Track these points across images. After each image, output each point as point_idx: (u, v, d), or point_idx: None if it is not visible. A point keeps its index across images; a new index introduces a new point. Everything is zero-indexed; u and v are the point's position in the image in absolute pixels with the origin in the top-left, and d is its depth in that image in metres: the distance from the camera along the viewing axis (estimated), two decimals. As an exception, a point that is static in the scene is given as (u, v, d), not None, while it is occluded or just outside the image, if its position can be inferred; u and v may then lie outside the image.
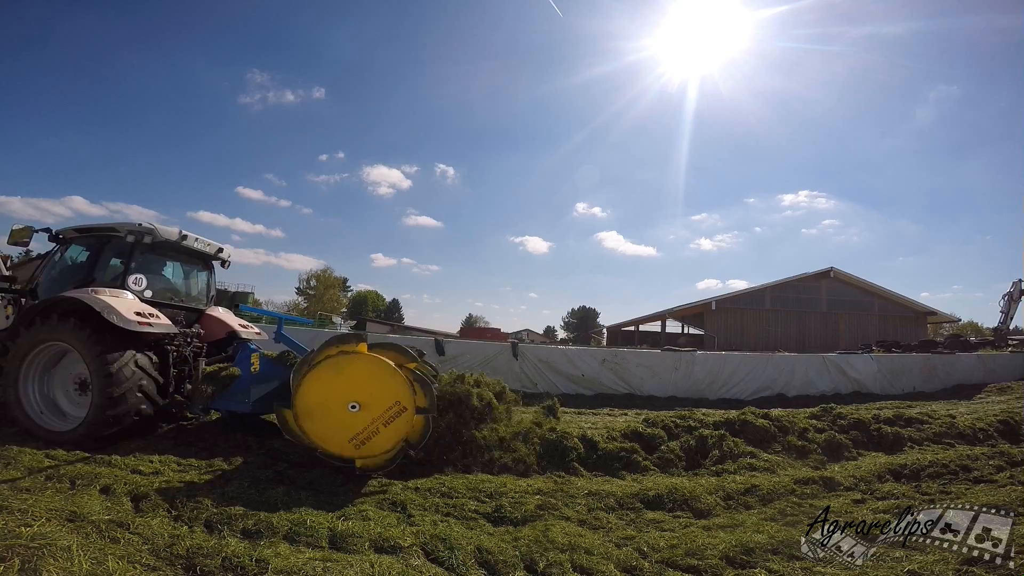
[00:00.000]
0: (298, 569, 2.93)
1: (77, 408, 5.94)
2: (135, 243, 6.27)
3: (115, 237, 6.32)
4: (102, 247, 6.35)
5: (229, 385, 6.05)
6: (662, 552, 3.69)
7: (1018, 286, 26.61)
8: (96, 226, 6.54)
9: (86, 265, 6.35)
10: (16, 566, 2.37)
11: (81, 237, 6.61)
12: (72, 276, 6.43)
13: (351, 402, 4.81)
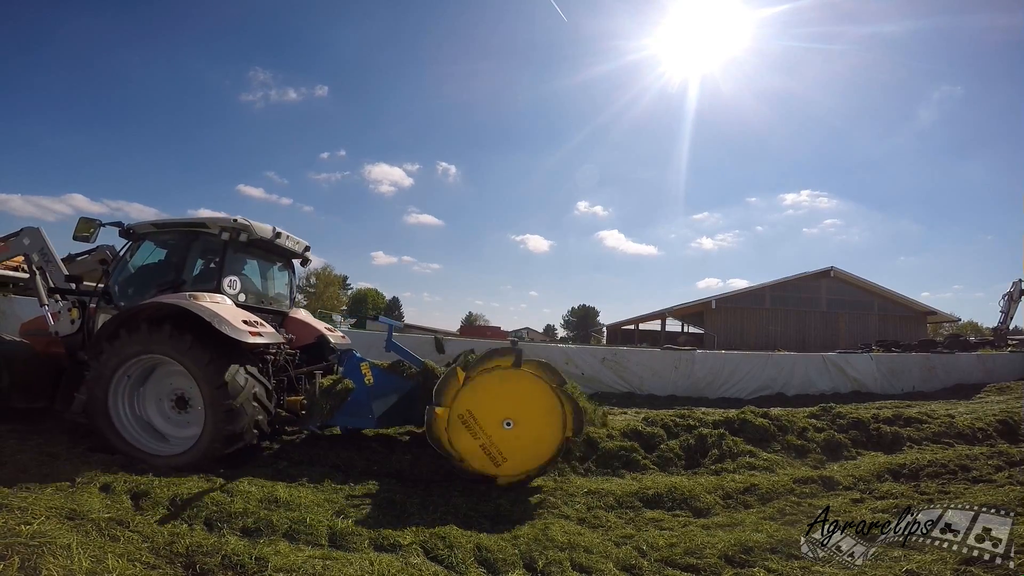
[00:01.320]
0: (298, 567, 2.93)
1: (177, 427, 5.34)
2: (229, 241, 5.64)
3: (204, 234, 5.70)
4: (189, 245, 5.72)
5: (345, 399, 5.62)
6: (661, 551, 3.69)
7: (1018, 286, 26.59)
8: (178, 221, 5.92)
9: (172, 265, 5.74)
10: (16, 564, 2.37)
11: (160, 233, 6.01)
12: (154, 278, 5.82)
13: (506, 419, 4.79)
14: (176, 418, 5.36)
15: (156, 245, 6.07)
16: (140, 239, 6.01)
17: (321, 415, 5.56)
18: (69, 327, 5.95)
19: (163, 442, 5.25)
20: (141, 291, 5.73)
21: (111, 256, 6.59)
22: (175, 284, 5.53)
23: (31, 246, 6.41)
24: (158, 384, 5.39)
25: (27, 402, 5.71)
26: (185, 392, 5.26)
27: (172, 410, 5.36)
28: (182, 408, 5.31)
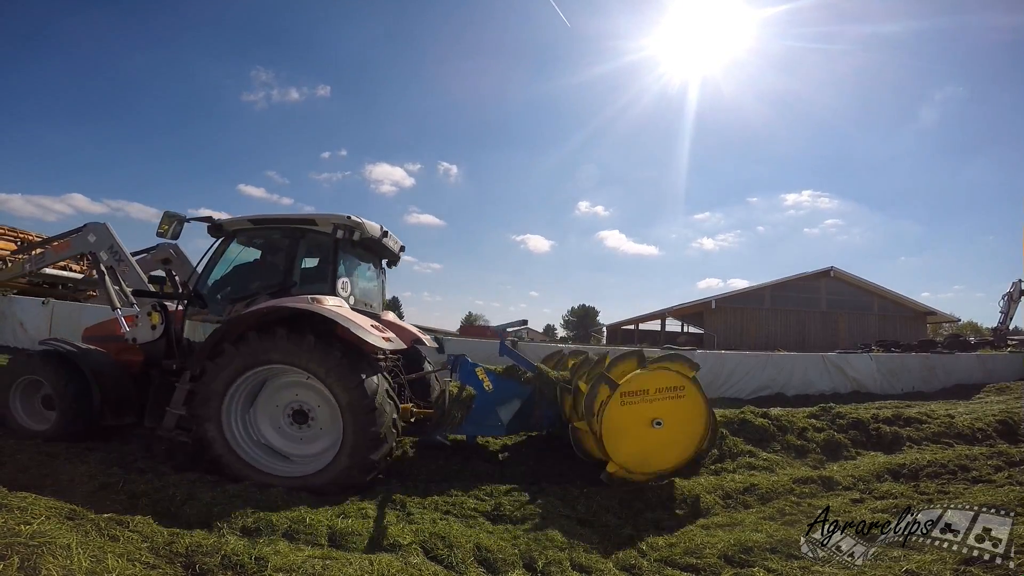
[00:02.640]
0: (297, 567, 2.93)
1: (298, 444, 4.85)
2: (341, 240, 5.23)
3: (313, 232, 5.28)
4: (296, 244, 5.29)
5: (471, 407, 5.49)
6: (661, 551, 3.69)
7: (1018, 286, 26.59)
8: (282, 218, 5.51)
9: (277, 266, 5.35)
10: (15, 564, 2.37)
11: (257, 231, 5.56)
12: (256, 279, 5.45)
13: (655, 419, 4.85)
14: (295, 433, 4.87)
15: (250, 243, 5.66)
16: (230, 237, 5.53)
17: (453, 424, 5.48)
18: (149, 333, 5.49)
19: (287, 462, 4.77)
20: (240, 293, 5.31)
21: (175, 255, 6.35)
22: (284, 285, 5.12)
23: (98, 243, 5.96)
24: (270, 398, 4.89)
25: (117, 419, 5.32)
26: (305, 404, 4.80)
27: (289, 426, 4.86)
28: (300, 422, 4.84)
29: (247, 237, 5.62)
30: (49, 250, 6.39)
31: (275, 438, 4.87)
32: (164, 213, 5.34)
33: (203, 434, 4.64)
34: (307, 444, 4.84)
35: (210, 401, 4.64)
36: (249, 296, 5.17)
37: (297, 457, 4.81)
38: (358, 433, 4.40)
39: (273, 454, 4.80)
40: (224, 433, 4.64)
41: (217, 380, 4.63)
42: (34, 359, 5.46)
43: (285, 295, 4.99)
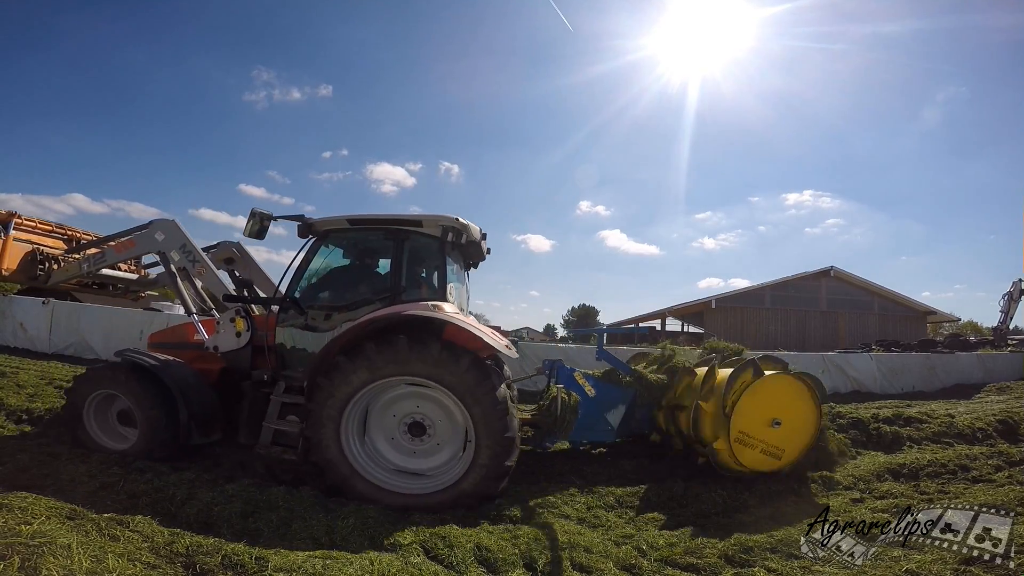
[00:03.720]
0: (298, 567, 2.93)
1: (411, 459, 4.62)
2: (449, 243, 4.98)
3: (418, 234, 4.96)
4: (401, 246, 4.91)
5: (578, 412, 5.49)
6: (661, 550, 3.70)
7: (1018, 286, 26.57)
8: (384, 218, 5.07)
9: (384, 270, 5.07)
10: (16, 564, 2.37)
11: (355, 232, 5.18)
12: (361, 283, 5.22)
13: (774, 419, 5.16)
14: (412, 447, 4.62)
15: (343, 245, 5.33)
16: (322, 238, 5.16)
17: (565, 430, 5.46)
18: (234, 341, 5.13)
19: (414, 478, 4.56)
20: (345, 300, 5.02)
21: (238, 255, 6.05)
22: (393, 290, 4.80)
23: (167, 243, 5.61)
24: (384, 412, 4.63)
25: (204, 437, 4.97)
26: (421, 416, 4.57)
27: (405, 438, 4.62)
28: (417, 435, 4.60)
29: (341, 238, 5.25)
30: (109, 249, 6.02)
31: (392, 454, 4.60)
32: (251, 211, 4.98)
33: (321, 456, 4.32)
34: (425, 458, 4.61)
35: (327, 419, 4.31)
36: (357, 303, 4.86)
37: (421, 472, 4.57)
38: (492, 441, 4.25)
39: (396, 471, 4.55)
40: (345, 453, 4.36)
41: (335, 395, 4.31)
42: (110, 372, 5.06)
43: (395, 302, 4.71)
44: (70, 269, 6.23)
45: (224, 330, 5.20)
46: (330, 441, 4.34)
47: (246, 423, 4.81)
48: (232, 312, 5.19)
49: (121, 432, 5.12)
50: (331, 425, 4.34)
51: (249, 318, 5.14)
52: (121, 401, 5.02)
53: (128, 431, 5.07)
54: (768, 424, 5.13)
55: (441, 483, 4.40)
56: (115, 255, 6.01)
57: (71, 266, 6.23)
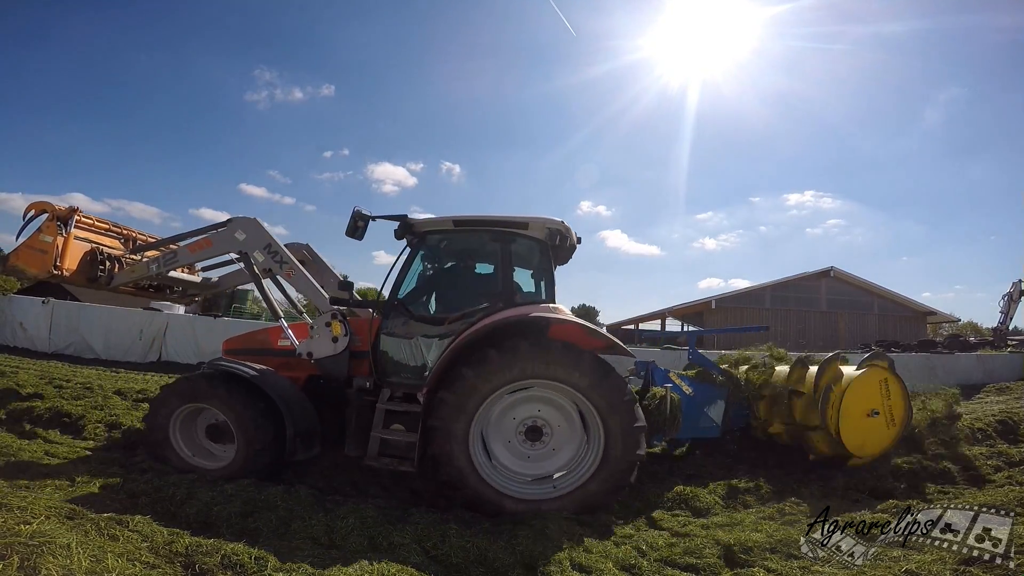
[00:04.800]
0: (297, 567, 2.93)
1: (525, 464, 4.56)
2: (554, 246, 4.92)
3: (523, 237, 4.89)
4: (507, 249, 4.84)
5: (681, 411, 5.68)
6: (661, 551, 3.69)
7: (1018, 286, 26.61)
8: (488, 219, 4.94)
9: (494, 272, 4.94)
10: (15, 564, 2.36)
11: (462, 233, 5.07)
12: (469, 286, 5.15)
13: (873, 409, 5.59)
14: (527, 451, 4.55)
15: (446, 247, 5.22)
16: (421, 239, 5.04)
17: (676, 428, 5.63)
18: (329, 347, 4.90)
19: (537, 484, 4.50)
20: (454, 302, 4.98)
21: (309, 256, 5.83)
22: (506, 295, 4.72)
23: (249, 242, 5.29)
24: (501, 417, 4.56)
25: (308, 451, 4.67)
26: (539, 420, 4.52)
27: (521, 443, 4.55)
28: (534, 439, 4.54)
29: (442, 240, 5.13)
30: (182, 250, 5.65)
31: (510, 460, 4.54)
32: (353, 210, 4.80)
33: (452, 471, 4.22)
34: (541, 462, 4.56)
35: (456, 430, 4.22)
36: (469, 307, 4.76)
37: (539, 476, 4.52)
38: (623, 432, 4.27)
39: (516, 478, 4.49)
40: (474, 465, 4.27)
41: (468, 402, 4.23)
42: (203, 383, 4.67)
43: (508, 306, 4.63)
44: (137, 270, 5.85)
45: (319, 335, 4.95)
46: (460, 454, 4.23)
47: (354, 434, 4.57)
48: (328, 316, 4.96)
49: (209, 449, 4.79)
50: (460, 437, 4.24)
51: (346, 322, 4.94)
52: (210, 415, 4.69)
53: (218, 448, 4.74)
54: (867, 414, 5.53)
55: (568, 484, 4.38)
56: (189, 256, 5.63)
57: (139, 267, 5.84)
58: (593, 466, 4.35)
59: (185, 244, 5.65)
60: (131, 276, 5.84)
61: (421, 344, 4.79)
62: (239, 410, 4.48)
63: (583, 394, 4.30)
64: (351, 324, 5.05)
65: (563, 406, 4.54)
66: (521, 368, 4.27)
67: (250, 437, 4.46)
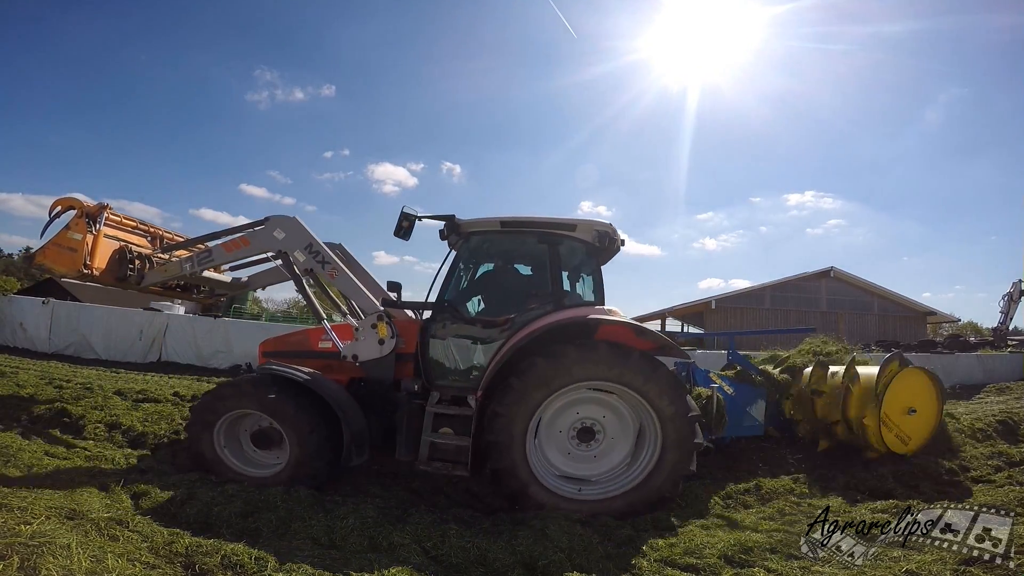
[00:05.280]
0: (297, 567, 2.93)
1: (578, 465, 4.58)
2: (602, 248, 4.91)
3: (571, 238, 4.86)
4: (556, 250, 4.79)
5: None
6: (661, 551, 3.69)
7: (1018, 287, 26.60)
8: (536, 221, 4.89)
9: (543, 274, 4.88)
10: (15, 564, 2.36)
11: (509, 235, 5.00)
12: (519, 287, 5.08)
13: (911, 407, 5.72)
14: (581, 453, 4.57)
15: (492, 248, 5.15)
16: (467, 239, 4.97)
17: (722, 426, 5.78)
18: (376, 349, 4.78)
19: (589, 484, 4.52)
20: (505, 303, 4.90)
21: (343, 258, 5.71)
22: (556, 296, 4.69)
23: (289, 241, 5.16)
24: (553, 419, 4.56)
25: (360, 456, 4.54)
26: (590, 421, 4.54)
27: (575, 445, 4.56)
28: (586, 440, 4.55)
29: (487, 240, 5.07)
30: (217, 249, 5.44)
31: (560, 460, 4.57)
32: (401, 210, 4.74)
33: (505, 463, 4.22)
34: (593, 463, 4.58)
35: (515, 429, 4.21)
36: (520, 309, 4.71)
37: (588, 477, 4.53)
38: (681, 439, 4.31)
39: (565, 478, 4.51)
40: (530, 463, 4.29)
41: (527, 405, 4.23)
42: (251, 388, 4.51)
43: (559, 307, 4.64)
44: (170, 270, 5.63)
45: (365, 337, 4.82)
46: (517, 446, 4.23)
47: (406, 438, 4.50)
48: (373, 318, 4.83)
49: (254, 456, 4.65)
50: (519, 429, 4.24)
51: (392, 324, 4.83)
52: (254, 420, 4.56)
53: (265, 455, 4.61)
54: (905, 411, 5.67)
55: (628, 483, 4.41)
56: (224, 255, 5.43)
57: (171, 266, 5.62)
58: (652, 462, 4.38)
59: (219, 243, 5.46)
60: (163, 276, 5.67)
61: (471, 347, 4.77)
62: (292, 415, 4.33)
63: (637, 391, 4.31)
64: (406, 325, 4.98)
65: (616, 407, 4.56)
66: (579, 370, 4.30)
67: (304, 443, 4.31)
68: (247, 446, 4.67)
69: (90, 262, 5.25)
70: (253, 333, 13.84)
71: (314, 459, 4.35)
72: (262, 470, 4.53)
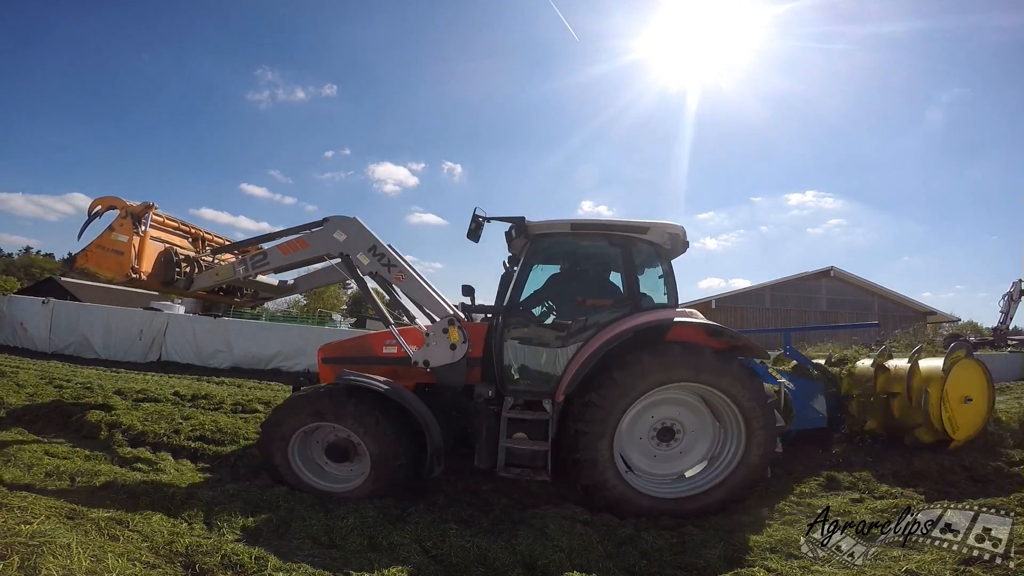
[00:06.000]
0: (297, 567, 2.93)
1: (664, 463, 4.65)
2: (672, 250, 4.95)
3: (642, 241, 4.83)
4: (630, 253, 4.77)
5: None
6: (661, 551, 3.68)
7: (1018, 286, 26.59)
8: (609, 224, 4.89)
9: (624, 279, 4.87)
10: (15, 564, 2.36)
11: (579, 237, 4.98)
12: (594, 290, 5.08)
13: (967, 396, 5.87)
14: (664, 453, 4.64)
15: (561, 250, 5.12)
16: (535, 241, 4.89)
17: (790, 419, 5.78)
18: (447, 354, 4.67)
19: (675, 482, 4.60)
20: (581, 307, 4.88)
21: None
22: (634, 299, 4.69)
23: (351, 243, 5.00)
24: (632, 427, 4.56)
25: (439, 468, 4.42)
26: (670, 421, 4.59)
27: (655, 444, 4.61)
28: (666, 440, 4.60)
29: (556, 243, 4.99)
30: (273, 251, 5.25)
31: (647, 464, 4.63)
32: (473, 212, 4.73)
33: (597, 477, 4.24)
34: (677, 461, 4.65)
35: (603, 436, 4.22)
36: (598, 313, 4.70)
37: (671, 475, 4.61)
38: (765, 425, 4.43)
39: (651, 478, 4.58)
40: (616, 466, 4.31)
41: (616, 407, 4.25)
42: (328, 398, 4.36)
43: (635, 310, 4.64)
44: (222, 273, 5.42)
45: (436, 342, 4.68)
46: (606, 460, 4.25)
47: (484, 446, 4.46)
48: (444, 322, 4.72)
49: (327, 469, 4.53)
50: (607, 442, 4.25)
51: (463, 329, 4.71)
52: (327, 431, 4.45)
53: (340, 467, 4.49)
54: (961, 400, 5.80)
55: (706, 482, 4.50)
56: (281, 258, 5.21)
57: (224, 270, 5.42)
58: (732, 464, 4.47)
59: (275, 245, 5.28)
60: (215, 279, 5.50)
61: (547, 351, 4.76)
62: (374, 427, 4.23)
63: (715, 387, 4.38)
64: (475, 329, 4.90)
65: (696, 406, 4.65)
66: (670, 372, 4.33)
67: (388, 456, 4.22)
68: (319, 458, 4.55)
69: (137, 265, 5.06)
70: (253, 333, 13.85)
71: (398, 472, 4.26)
72: (339, 484, 4.42)
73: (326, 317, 44.50)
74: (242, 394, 8.68)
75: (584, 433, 4.23)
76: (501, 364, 4.70)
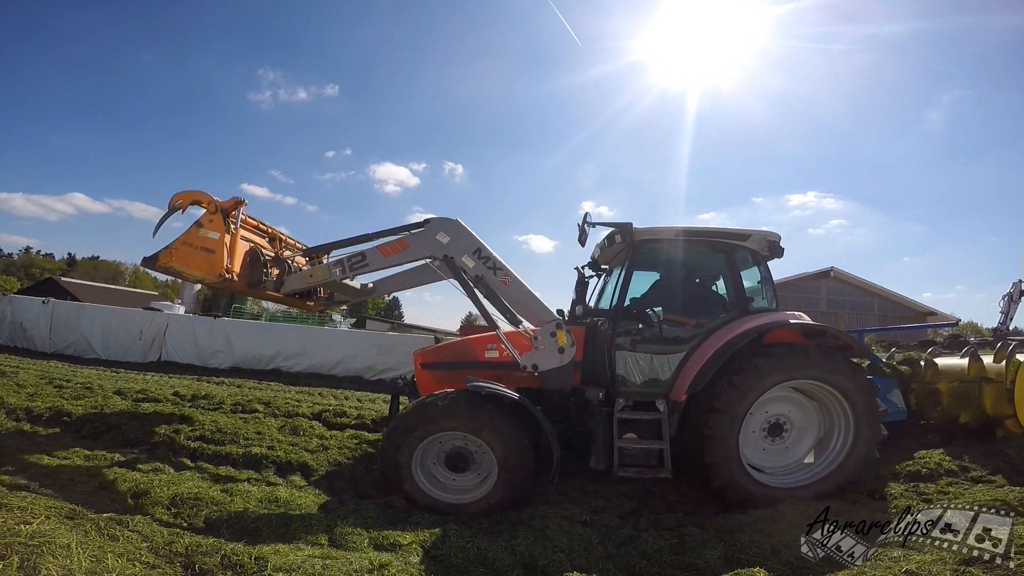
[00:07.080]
0: (297, 567, 2.93)
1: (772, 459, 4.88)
2: (769, 257, 5.18)
3: (743, 248, 5.05)
4: (733, 259, 5.00)
5: None
6: (661, 551, 3.68)
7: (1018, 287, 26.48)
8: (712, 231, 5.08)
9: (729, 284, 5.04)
10: (15, 564, 2.36)
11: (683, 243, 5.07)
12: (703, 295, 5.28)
13: None
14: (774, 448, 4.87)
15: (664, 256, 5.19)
16: (638, 247, 4.99)
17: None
18: (556, 358, 4.69)
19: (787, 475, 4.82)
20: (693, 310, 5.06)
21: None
22: (741, 304, 4.92)
23: (455, 246, 4.91)
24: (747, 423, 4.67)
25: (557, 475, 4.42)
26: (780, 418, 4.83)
27: (766, 439, 4.83)
28: (775, 436, 4.83)
29: (664, 250, 5.10)
30: (372, 253, 5.06)
31: (760, 458, 4.83)
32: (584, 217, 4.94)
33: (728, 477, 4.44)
34: (785, 454, 4.90)
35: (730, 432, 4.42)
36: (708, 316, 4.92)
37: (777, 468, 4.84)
38: (869, 412, 4.68)
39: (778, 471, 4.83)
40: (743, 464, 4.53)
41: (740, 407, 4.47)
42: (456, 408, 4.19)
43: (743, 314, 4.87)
44: (317, 275, 5.22)
45: (544, 346, 4.70)
46: (735, 460, 4.46)
47: (601, 447, 4.53)
48: (552, 326, 4.74)
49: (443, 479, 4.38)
50: (733, 443, 4.45)
51: (570, 332, 4.74)
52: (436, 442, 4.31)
53: (458, 477, 4.35)
54: None
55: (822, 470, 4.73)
56: (381, 259, 5.05)
57: (319, 271, 5.21)
58: (850, 437, 4.71)
59: (374, 246, 5.10)
60: (309, 282, 5.29)
61: (659, 354, 4.85)
62: (504, 436, 4.15)
63: (836, 389, 4.64)
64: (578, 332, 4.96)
65: (800, 401, 4.90)
66: (790, 372, 4.57)
67: (516, 464, 4.14)
68: (435, 469, 4.42)
69: (230, 265, 4.82)
70: (253, 333, 13.84)
71: (525, 481, 4.23)
72: (460, 496, 4.30)
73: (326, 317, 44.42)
74: (242, 394, 8.68)
75: (710, 437, 4.42)
76: (612, 367, 4.75)
